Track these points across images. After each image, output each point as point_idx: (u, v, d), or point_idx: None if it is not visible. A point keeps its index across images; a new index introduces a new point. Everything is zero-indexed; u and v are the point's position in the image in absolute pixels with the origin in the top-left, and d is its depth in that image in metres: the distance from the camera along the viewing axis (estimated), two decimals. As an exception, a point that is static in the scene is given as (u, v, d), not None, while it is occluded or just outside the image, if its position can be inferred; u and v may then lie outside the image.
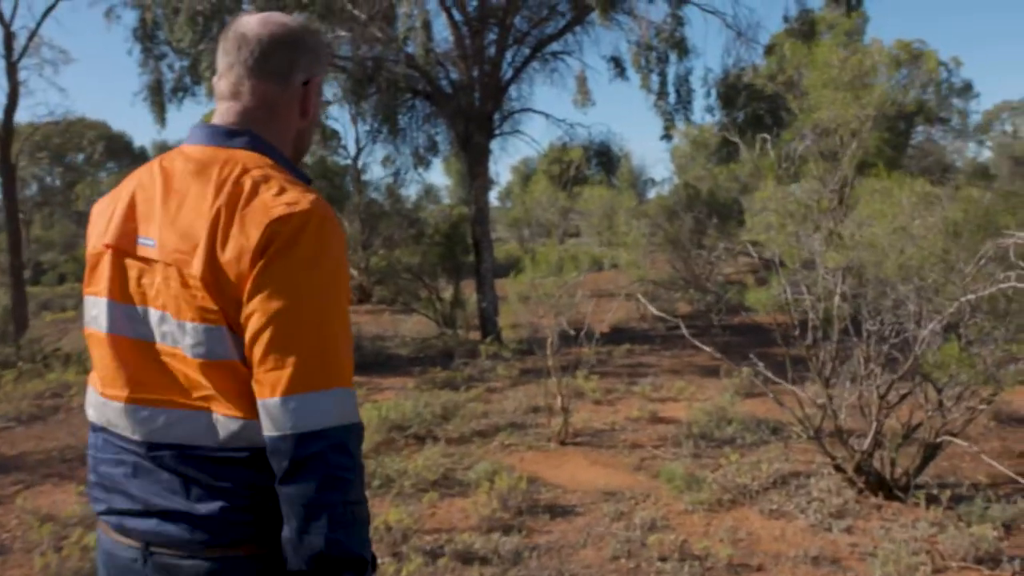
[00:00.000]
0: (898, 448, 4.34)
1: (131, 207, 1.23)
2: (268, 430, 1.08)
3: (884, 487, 4.40)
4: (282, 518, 1.09)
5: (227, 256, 1.10)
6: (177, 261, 1.14)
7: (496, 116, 10.53)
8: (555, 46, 11.06)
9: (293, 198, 1.13)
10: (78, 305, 15.61)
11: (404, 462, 5.37)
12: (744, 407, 6.53)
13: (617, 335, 10.81)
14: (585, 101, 11.66)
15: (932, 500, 4.28)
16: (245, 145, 1.23)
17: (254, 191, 1.14)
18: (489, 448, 5.87)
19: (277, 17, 1.31)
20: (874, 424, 4.28)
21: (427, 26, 8.25)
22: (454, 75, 10.40)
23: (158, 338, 1.17)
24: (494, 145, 11.13)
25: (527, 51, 10.65)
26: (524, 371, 8.33)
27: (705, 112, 13.67)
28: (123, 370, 1.21)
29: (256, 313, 1.09)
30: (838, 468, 4.68)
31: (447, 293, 10.28)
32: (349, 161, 14.14)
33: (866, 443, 4.36)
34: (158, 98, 9.20)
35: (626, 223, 11.45)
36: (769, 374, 4.85)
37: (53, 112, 12.07)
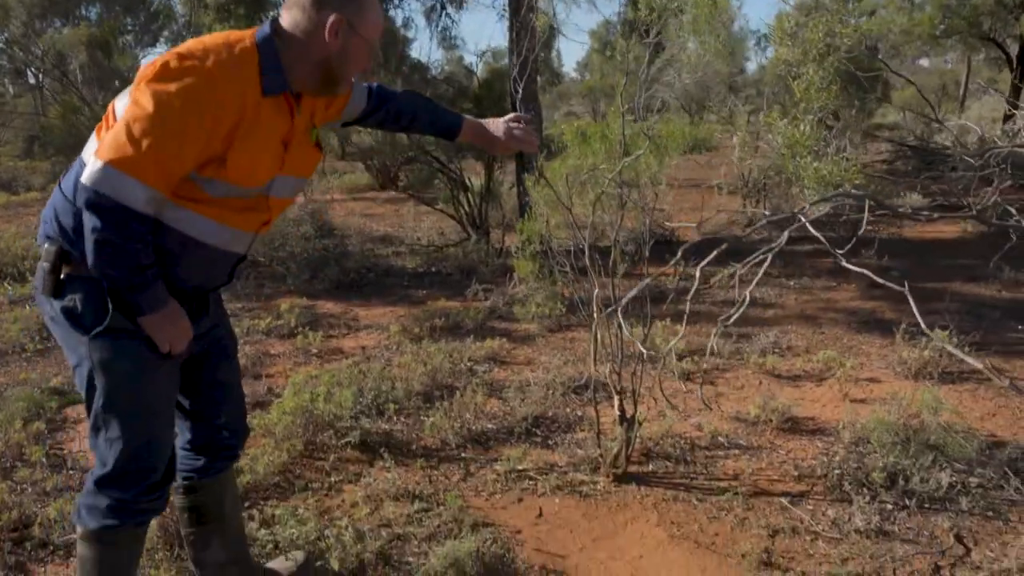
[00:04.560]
0: None
1: None
2: None
3: None
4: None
5: None
6: None
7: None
8: None
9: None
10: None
11: (313, 511, 2.85)
12: (948, 403, 3.61)
13: (714, 247, 7.69)
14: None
15: None
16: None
17: None
18: (483, 482, 3.21)
19: None
20: None
21: None
22: None
23: None
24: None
25: None
26: (574, 305, 5.44)
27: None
28: None
29: None
30: None
31: (478, 181, 7.35)
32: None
33: None
34: None
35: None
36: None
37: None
